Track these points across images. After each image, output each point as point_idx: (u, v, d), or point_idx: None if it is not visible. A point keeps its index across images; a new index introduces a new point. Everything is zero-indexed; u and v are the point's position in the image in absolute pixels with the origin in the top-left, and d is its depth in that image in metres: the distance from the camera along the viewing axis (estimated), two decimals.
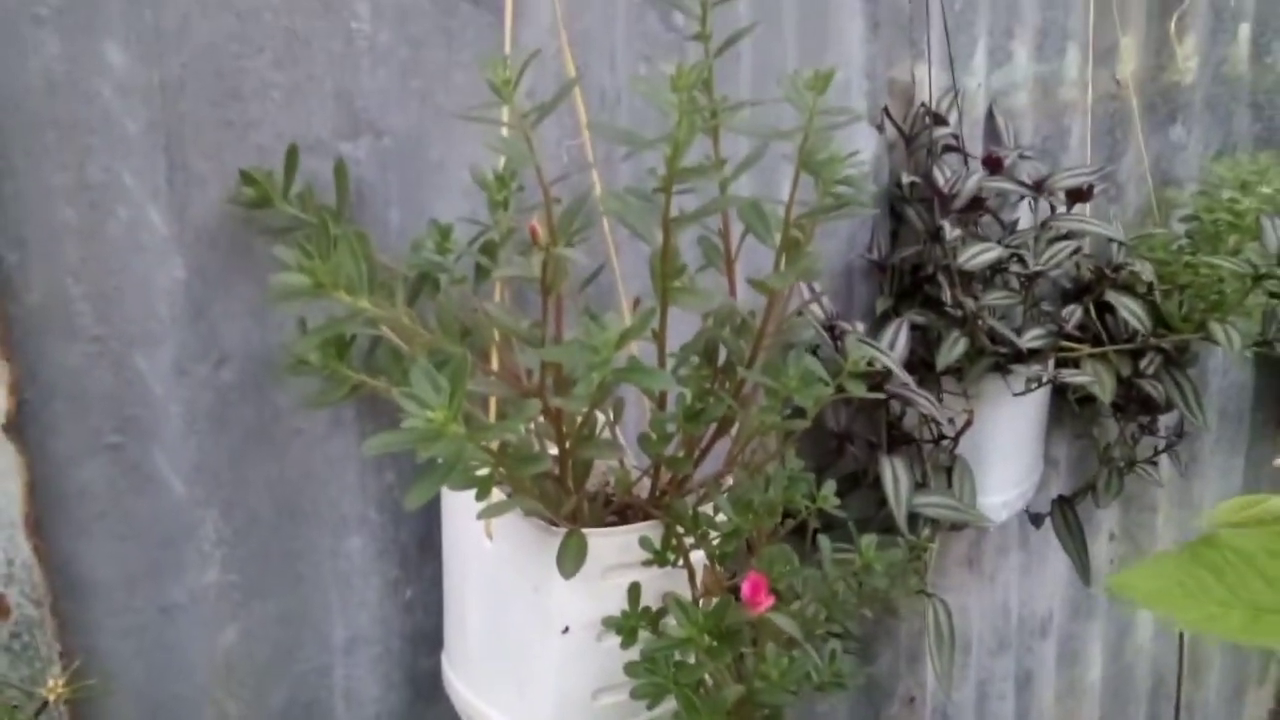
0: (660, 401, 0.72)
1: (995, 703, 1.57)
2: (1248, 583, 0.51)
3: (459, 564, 0.83)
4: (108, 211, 0.73)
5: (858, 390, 0.69)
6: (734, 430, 0.76)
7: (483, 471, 0.65)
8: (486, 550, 0.78)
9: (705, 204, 0.64)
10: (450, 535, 0.84)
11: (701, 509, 0.75)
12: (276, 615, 0.85)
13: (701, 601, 0.74)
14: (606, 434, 0.84)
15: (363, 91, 0.78)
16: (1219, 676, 1.82)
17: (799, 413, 0.75)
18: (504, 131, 0.62)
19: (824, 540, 0.79)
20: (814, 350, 1.13)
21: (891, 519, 1.17)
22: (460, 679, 0.84)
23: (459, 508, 0.81)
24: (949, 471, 1.26)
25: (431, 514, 0.87)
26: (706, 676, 0.66)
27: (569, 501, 0.68)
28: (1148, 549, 1.68)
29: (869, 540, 0.77)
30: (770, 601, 0.61)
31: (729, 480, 0.78)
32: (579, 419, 0.64)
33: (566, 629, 0.75)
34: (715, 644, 0.65)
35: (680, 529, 0.73)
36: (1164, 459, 1.42)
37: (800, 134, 0.63)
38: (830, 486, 0.83)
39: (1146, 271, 1.32)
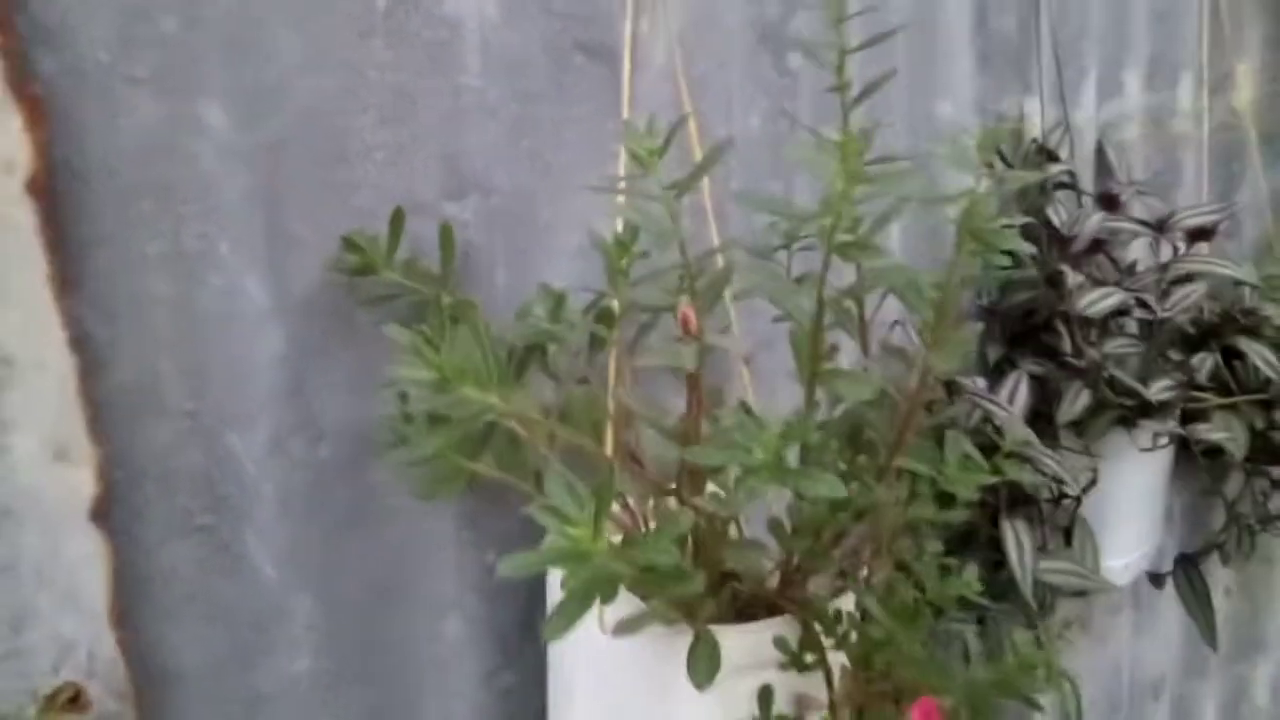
0: None
1: None
2: None
3: (567, 655, 0.77)
4: (202, 281, 0.68)
5: (1015, 472, 0.62)
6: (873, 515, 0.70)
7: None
8: (599, 643, 0.72)
9: (860, 279, 0.58)
10: None
11: (838, 604, 0.68)
12: (369, 704, 0.80)
13: (841, 709, 0.67)
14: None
15: (470, 150, 0.73)
16: None
17: (945, 498, 0.68)
18: (625, 199, 0.56)
19: (974, 641, 0.72)
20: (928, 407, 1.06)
21: (1009, 583, 1.09)
22: None
23: None
24: (1067, 532, 1.18)
25: (534, 593, 0.81)
26: None
27: (705, 607, 0.61)
28: (1265, 604, 1.57)
29: (1025, 640, 0.69)
30: None
31: (864, 569, 0.71)
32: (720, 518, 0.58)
33: None
34: None
35: (819, 627, 0.67)
36: None
37: (967, 199, 0.57)
38: (973, 572, 0.75)
39: (1277, 315, 1.23)
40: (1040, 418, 1.16)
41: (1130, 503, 1.21)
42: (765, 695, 0.68)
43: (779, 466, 0.47)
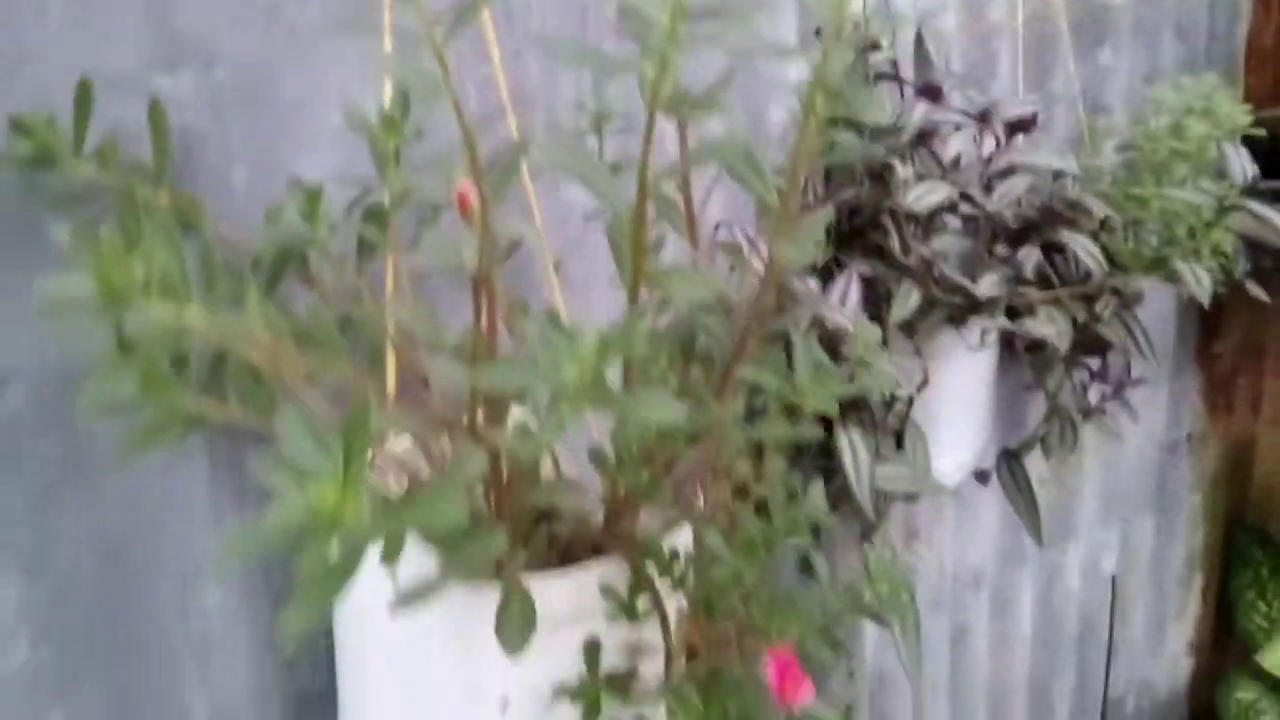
0: None
1: (930, 664, 1.49)
2: None
3: (355, 620, 0.64)
4: None
5: (879, 382, 0.54)
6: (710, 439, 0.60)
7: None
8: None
9: (685, 154, 0.47)
10: None
11: (672, 540, 0.59)
12: (114, 696, 0.65)
13: (681, 659, 0.58)
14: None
15: (184, 3, 0.57)
16: (1143, 615, 1.79)
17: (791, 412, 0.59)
18: (390, 53, 0.43)
19: (820, 562, 0.64)
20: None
21: (841, 494, 1.05)
22: None
23: None
24: (898, 436, 1.14)
25: None
26: None
27: (514, 559, 0.50)
28: (1077, 488, 1.62)
29: (878, 558, 0.62)
30: (810, 691, 0.46)
31: (699, 499, 0.62)
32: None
33: (505, 703, 0.59)
34: None
35: (651, 567, 0.57)
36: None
37: (821, 53, 0.47)
38: (819, 490, 0.68)
39: (1097, 208, 1.21)
40: (870, 320, 1.10)
41: (959, 402, 1.18)
42: (592, 650, 0.58)
43: (598, 388, 0.36)
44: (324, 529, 0.32)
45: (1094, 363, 1.29)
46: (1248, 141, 1.24)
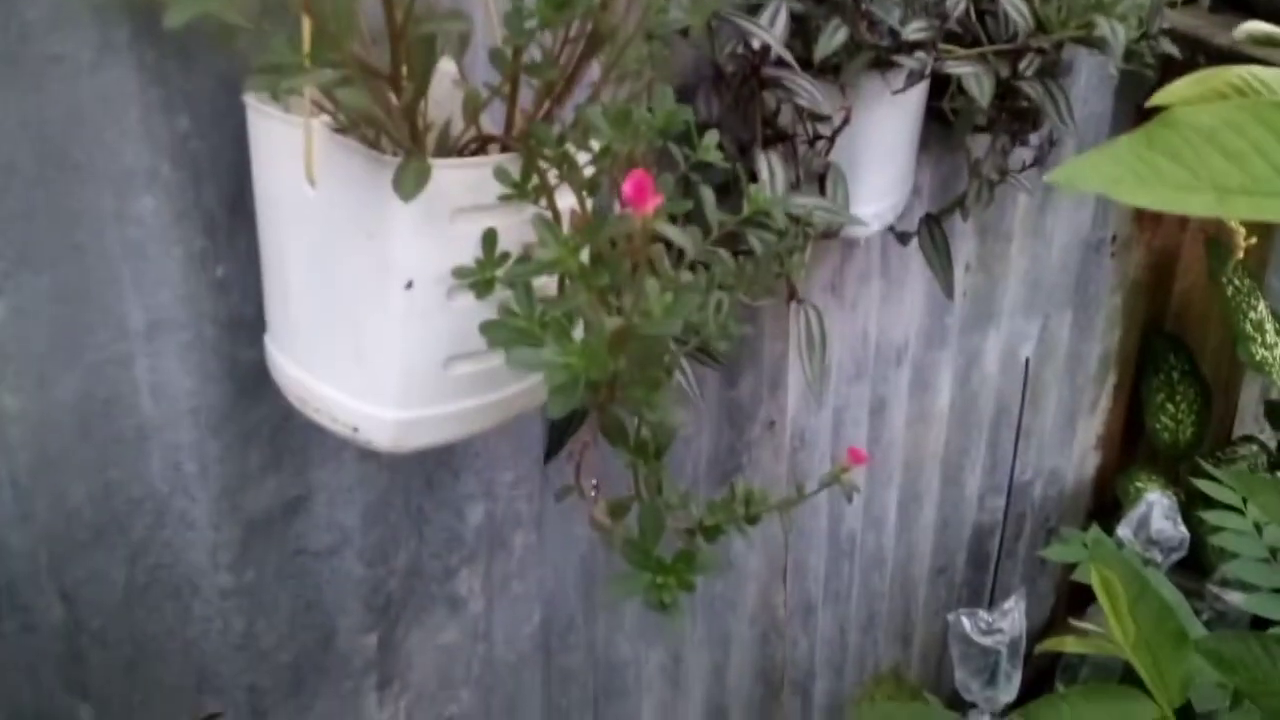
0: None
1: (850, 428, 1.58)
2: (1209, 162, 0.45)
3: (276, 222, 0.70)
4: None
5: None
6: (603, 55, 0.65)
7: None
8: (308, 199, 0.66)
9: None
10: (264, 189, 0.70)
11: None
12: (53, 291, 0.71)
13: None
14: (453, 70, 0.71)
15: None
16: (1056, 407, 1.90)
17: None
18: None
19: (706, 191, 0.70)
20: (684, 32, 1.02)
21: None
22: (288, 358, 0.73)
23: (273, 152, 0.68)
24: (821, 179, 1.20)
25: (241, 172, 0.73)
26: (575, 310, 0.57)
27: (404, 96, 0.55)
28: (1001, 276, 1.69)
29: (756, 188, 0.68)
30: (658, 200, 0.51)
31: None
32: None
33: (410, 283, 0.65)
34: (589, 268, 0.55)
35: (544, 160, 0.63)
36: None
37: None
38: (713, 136, 0.73)
39: None
40: (798, 61, 1.14)
41: (881, 148, 1.23)
42: (489, 236, 0.64)
43: None
44: None
45: (1017, 129, 1.34)
46: None
